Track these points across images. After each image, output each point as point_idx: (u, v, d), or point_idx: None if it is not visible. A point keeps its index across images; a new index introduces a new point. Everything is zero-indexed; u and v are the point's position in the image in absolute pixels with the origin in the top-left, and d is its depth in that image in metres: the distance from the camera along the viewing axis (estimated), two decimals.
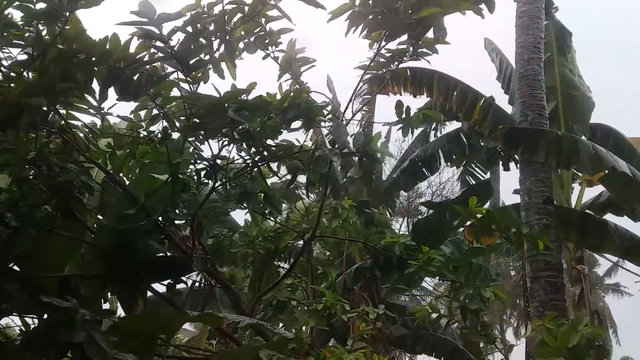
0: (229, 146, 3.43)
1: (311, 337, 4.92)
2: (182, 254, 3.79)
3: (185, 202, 3.65)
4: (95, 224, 3.73)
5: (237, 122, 3.19)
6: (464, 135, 11.94)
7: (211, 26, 3.40)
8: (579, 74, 11.89)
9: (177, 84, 3.40)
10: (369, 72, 4.20)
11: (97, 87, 3.27)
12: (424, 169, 12.54)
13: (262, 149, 3.37)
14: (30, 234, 3.02)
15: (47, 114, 3.25)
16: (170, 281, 3.65)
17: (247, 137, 3.30)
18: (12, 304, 2.97)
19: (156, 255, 3.57)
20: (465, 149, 12.12)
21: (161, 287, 3.78)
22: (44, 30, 3.13)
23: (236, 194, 3.70)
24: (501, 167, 12.41)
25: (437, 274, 4.48)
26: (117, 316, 3.24)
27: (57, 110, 3.45)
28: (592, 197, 11.68)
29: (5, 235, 2.96)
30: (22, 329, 3.37)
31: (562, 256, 10.05)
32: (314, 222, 4.60)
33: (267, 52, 3.83)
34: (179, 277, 3.68)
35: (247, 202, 3.67)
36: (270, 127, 3.35)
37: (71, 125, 3.65)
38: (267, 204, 4.03)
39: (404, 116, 3.85)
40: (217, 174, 3.51)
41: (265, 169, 3.80)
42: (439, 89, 10.34)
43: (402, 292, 15.55)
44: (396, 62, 4.07)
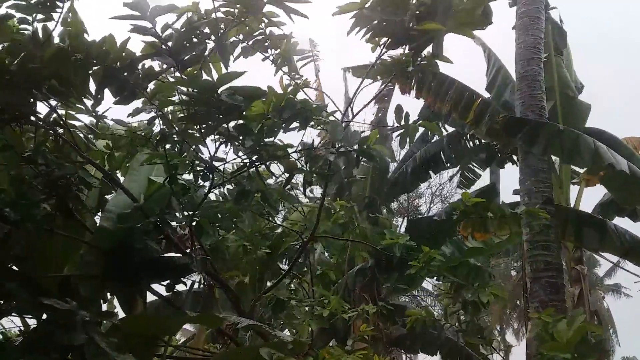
0: (226, 147, 3.42)
1: (312, 338, 4.92)
2: (181, 255, 3.79)
3: (183, 203, 3.65)
4: (94, 224, 3.73)
5: (231, 110, 3.15)
6: (463, 134, 11.95)
7: (205, 29, 3.39)
8: (575, 74, 11.91)
9: (175, 85, 3.39)
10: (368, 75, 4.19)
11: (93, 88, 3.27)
12: (426, 170, 12.57)
13: (259, 148, 3.34)
14: (28, 231, 3.02)
15: (31, 109, 3.24)
16: (169, 282, 3.65)
17: (242, 130, 3.27)
18: (12, 304, 2.97)
19: (155, 255, 3.57)
20: (464, 148, 12.13)
21: (161, 288, 3.79)
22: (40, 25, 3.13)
23: (233, 194, 3.69)
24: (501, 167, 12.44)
25: (437, 274, 4.48)
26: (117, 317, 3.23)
27: (54, 108, 3.45)
28: (597, 200, 11.71)
29: (3, 233, 2.97)
30: (22, 329, 3.38)
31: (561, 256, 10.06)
32: (313, 222, 4.59)
33: (266, 56, 3.82)
34: (179, 278, 3.68)
35: (244, 202, 3.66)
36: (267, 126, 3.33)
37: (69, 124, 3.65)
38: (264, 203, 4.02)
39: (403, 123, 3.84)
40: (214, 174, 3.50)
41: (263, 169, 3.79)
42: (437, 88, 10.33)
43: (402, 293, 15.56)
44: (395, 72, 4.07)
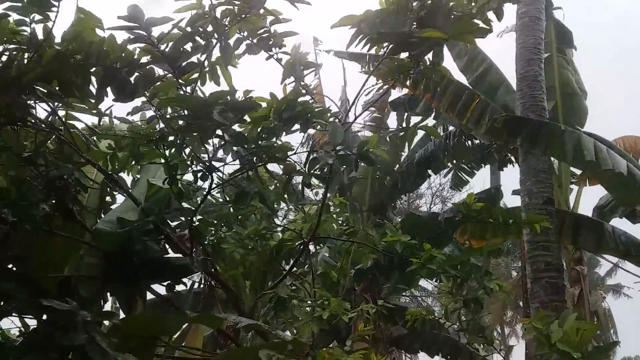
0: (225, 153, 3.42)
1: (312, 338, 4.91)
2: (181, 255, 3.79)
3: (182, 204, 3.65)
4: (94, 225, 3.73)
5: (227, 123, 3.17)
6: (462, 134, 11.96)
7: (209, 27, 3.39)
8: (577, 73, 11.90)
9: (175, 85, 3.39)
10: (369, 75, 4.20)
11: (93, 88, 3.27)
12: (425, 169, 12.59)
13: (258, 150, 3.35)
14: (27, 231, 3.02)
15: (29, 111, 3.24)
16: (169, 282, 3.65)
17: (239, 139, 3.29)
18: (12, 304, 2.97)
19: (155, 256, 3.57)
20: (462, 147, 12.15)
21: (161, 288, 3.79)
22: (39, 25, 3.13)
23: (231, 196, 3.69)
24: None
25: (439, 272, 4.47)
26: (117, 317, 3.24)
27: (55, 110, 3.45)
28: (596, 200, 11.72)
29: (2, 234, 2.97)
30: (22, 329, 3.38)
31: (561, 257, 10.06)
32: (314, 223, 4.59)
33: (270, 54, 3.82)
34: (179, 279, 3.68)
35: (242, 203, 3.66)
36: (267, 129, 3.34)
37: (70, 125, 3.65)
38: (263, 205, 4.02)
39: (404, 125, 3.84)
40: (213, 175, 3.50)
41: (262, 170, 3.79)
42: (435, 86, 10.28)
43: (402, 293, 15.58)
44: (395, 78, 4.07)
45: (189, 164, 3.52)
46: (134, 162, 3.65)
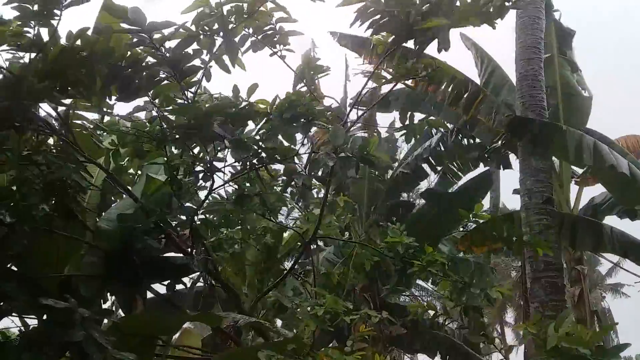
0: (225, 151, 3.42)
1: (313, 338, 4.90)
2: (182, 255, 3.78)
3: (183, 205, 3.64)
4: (95, 224, 3.72)
5: (227, 136, 3.19)
6: (461, 132, 11.92)
7: (215, 25, 3.38)
8: (579, 74, 11.88)
9: (176, 87, 3.39)
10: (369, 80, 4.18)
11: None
12: (425, 169, 12.56)
13: (259, 152, 3.35)
14: (26, 232, 3.02)
15: (29, 113, 3.23)
16: (170, 282, 3.65)
17: (238, 145, 3.29)
18: (12, 304, 2.97)
19: (156, 255, 3.57)
20: (462, 146, 12.11)
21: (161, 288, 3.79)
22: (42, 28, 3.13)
23: (231, 197, 3.69)
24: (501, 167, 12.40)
25: (440, 276, 4.45)
26: (117, 316, 3.24)
27: (56, 109, 3.44)
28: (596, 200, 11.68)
29: (2, 234, 2.97)
30: (22, 329, 3.38)
31: (561, 256, 10.05)
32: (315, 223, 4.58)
33: (275, 51, 3.80)
34: (179, 278, 3.68)
35: (243, 205, 3.66)
36: (267, 131, 3.33)
37: (73, 124, 3.63)
38: (263, 207, 4.01)
39: (408, 123, 3.83)
40: (215, 176, 3.50)
41: (264, 172, 3.78)
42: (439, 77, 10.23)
43: (402, 292, 15.55)
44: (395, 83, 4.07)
45: (191, 164, 3.51)
46: (136, 158, 3.63)
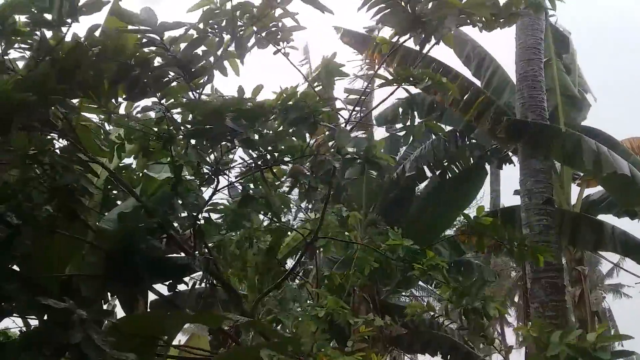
0: (231, 151, 3.42)
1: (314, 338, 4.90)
2: (184, 255, 3.78)
3: (186, 205, 3.64)
4: (97, 224, 3.72)
5: (241, 131, 3.18)
6: (460, 133, 11.93)
7: (223, 22, 3.38)
8: (579, 74, 11.89)
9: (185, 89, 3.38)
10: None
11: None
12: (425, 170, 12.56)
13: (265, 153, 3.34)
14: (30, 233, 3.02)
15: (45, 114, 3.22)
16: (171, 282, 3.64)
17: (248, 144, 3.28)
18: (13, 304, 2.97)
19: (158, 255, 3.57)
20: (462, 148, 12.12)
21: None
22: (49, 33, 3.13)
23: (236, 198, 3.69)
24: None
25: (442, 281, 4.44)
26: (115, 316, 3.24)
27: (60, 110, 3.44)
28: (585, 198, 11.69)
29: (5, 234, 2.97)
30: (23, 329, 3.38)
31: (561, 257, 10.06)
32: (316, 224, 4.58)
33: (278, 48, 3.80)
34: (180, 278, 3.68)
35: (248, 206, 3.66)
36: (272, 133, 3.33)
37: (77, 124, 3.62)
38: (268, 209, 4.01)
39: (408, 124, 3.82)
40: (220, 177, 3.50)
41: (269, 173, 3.78)
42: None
43: (401, 293, 15.56)
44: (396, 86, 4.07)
45: (196, 164, 3.50)
46: (142, 156, 3.62)
